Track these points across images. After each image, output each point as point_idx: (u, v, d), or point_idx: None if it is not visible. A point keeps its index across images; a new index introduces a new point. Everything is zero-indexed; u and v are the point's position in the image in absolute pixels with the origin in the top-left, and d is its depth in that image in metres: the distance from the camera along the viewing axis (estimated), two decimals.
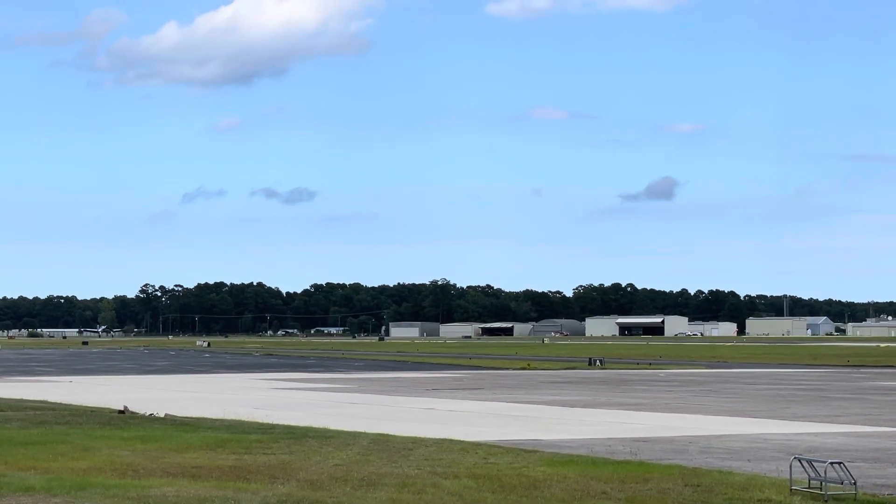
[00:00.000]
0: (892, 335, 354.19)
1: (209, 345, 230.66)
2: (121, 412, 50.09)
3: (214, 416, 48.36)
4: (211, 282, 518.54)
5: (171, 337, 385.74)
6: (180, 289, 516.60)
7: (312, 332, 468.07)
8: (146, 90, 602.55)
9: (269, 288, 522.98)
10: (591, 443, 38.70)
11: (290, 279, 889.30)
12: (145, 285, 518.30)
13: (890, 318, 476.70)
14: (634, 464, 32.14)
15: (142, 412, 50.27)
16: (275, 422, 45.44)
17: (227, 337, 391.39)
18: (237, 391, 72.89)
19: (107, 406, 54.47)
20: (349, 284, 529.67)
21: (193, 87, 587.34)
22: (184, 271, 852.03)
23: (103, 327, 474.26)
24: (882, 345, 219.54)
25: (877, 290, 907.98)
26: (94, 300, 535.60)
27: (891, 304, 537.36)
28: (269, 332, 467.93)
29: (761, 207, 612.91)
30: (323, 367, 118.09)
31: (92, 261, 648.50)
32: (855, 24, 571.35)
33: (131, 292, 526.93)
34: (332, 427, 43.06)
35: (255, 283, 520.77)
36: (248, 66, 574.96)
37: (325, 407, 57.79)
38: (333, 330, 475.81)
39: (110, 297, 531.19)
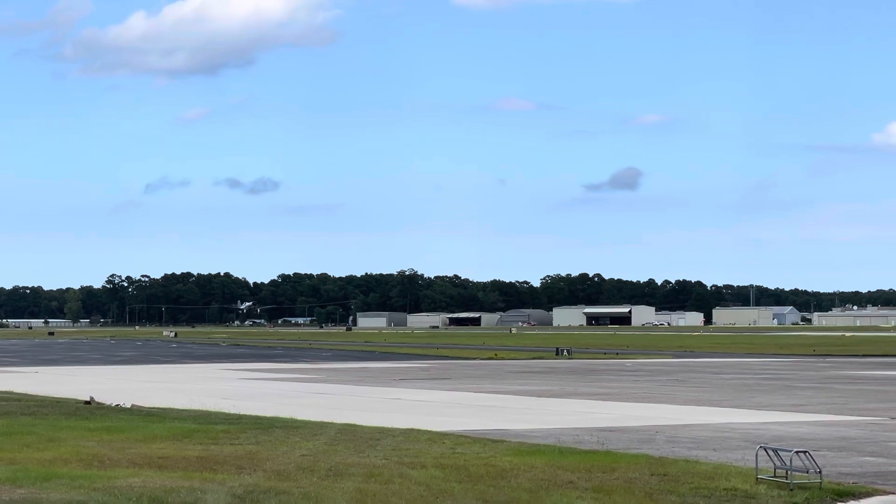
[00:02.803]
0: (858, 324, 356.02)
1: (176, 335, 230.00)
2: (87, 403, 49.90)
3: (181, 407, 48.25)
4: (178, 272, 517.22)
5: (137, 327, 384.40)
6: (147, 279, 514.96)
7: (280, 322, 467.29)
8: (113, 80, 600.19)
9: (237, 278, 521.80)
10: (558, 432, 38.76)
11: (258, 269, 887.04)
12: (112, 275, 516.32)
13: (855, 307, 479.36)
14: (601, 453, 32.22)
15: (108, 403, 50.09)
16: (242, 412, 45.36)
17: (193, 327, 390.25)
18: (204, 381, 72.71)
19: (73, 397, 54.25)
20: (317, 275, 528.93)
21: (160, 78, 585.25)
22: (151, 261, 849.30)
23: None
24: (847, 334, 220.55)
25: (842, 279, 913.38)
26: (60, 290, 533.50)
27: (856, 293, 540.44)
28: (237, 323, 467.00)
29: (727, 198, 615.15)
30: (290, 357, 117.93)
31: (58, 251, 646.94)
32: (819, 15, 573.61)
33: (98, 282, 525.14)
34: (299, 417, 43.01)
35: (222, 274, 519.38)
36: (216, 57, 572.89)
37: (292, 397, 57.71)
38: (301, 320, 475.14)
39: (76, 287, 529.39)
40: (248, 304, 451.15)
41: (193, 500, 22.50)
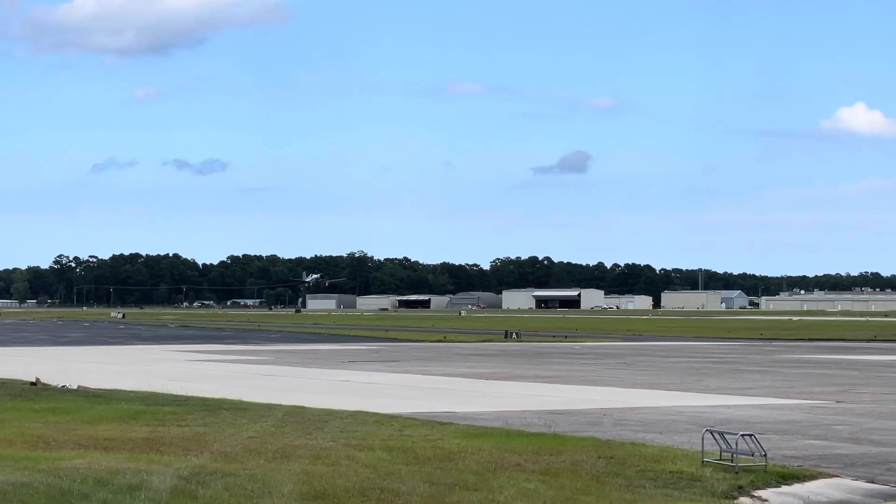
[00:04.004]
0: (805, 309, 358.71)
1: (124, 316, 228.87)
2: (32, 384, 49.54)
3: (128, 388, 47.99)
4: (126, 253, 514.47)
5: (85, 308, 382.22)
6: (95, 260, 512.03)
7: (229, 303, 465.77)
8: (62, 59, 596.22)
9: (185, 259, 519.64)
10: (505, 415, 38.82)
11: (207, 251, 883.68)
12: (59, 256, 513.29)
13: (803, 292, 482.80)
14: (549, 436, 32.28)
15: (54, 384, 49.75)
16: (189, 394, 45.18)
17: (142, 308, 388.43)
18: (151, 363, 72.37)
19: (18, 378, 53.80)
20: (266, 256, 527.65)
21: (110, 57, 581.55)
22: (98, 242, 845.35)
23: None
24: (794, 318, 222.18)
25: (790, 264, 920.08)
26: (6, 271, 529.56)
27: (803, 278, 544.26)
28: (185, 304, 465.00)
29: (677, 182, 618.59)
30: (239, 338, 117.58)
31: (4, 230, 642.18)
32: (769, 1, 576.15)
33: (45, 263, 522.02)
34: (247, 399, 42.90)
35: (170, 255, 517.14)
36: (166, 36, 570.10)
37: (240, 379, 57.54)
38: (250, 302, 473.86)
39: (23, 267, 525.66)
40: (314, 276, 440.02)
41: (139, 481, 22.38)
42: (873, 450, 31.33)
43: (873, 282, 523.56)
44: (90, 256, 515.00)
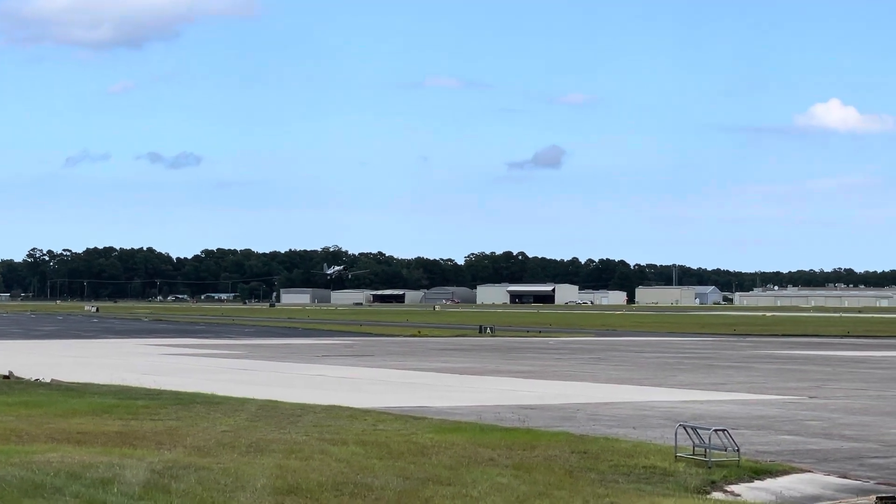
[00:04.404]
0: (779, 304, 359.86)
1: (98, 310, 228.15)
2: (5, 377, 49.37)
3: (101, 382, 47.87)
4: (100, 246, 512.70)
5: (59, 302, 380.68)
6: (69, 253, 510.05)
7: (203, 297, 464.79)
8: (36, 52, 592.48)
9: (160, 253, 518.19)
10: (479, 410, 38.84)
11: (181, 244, 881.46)
12: (33, 249, 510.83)
13: (776, 287, 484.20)
14: (522, 431, 32.32)
15: (27, 377, 49.60)
16: (162, 388, 45.08)
17: (116, 302, 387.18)
18: (125, 357, 72.20)
19: None
20: (240, 250, 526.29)
21: (84, 50, 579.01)
22: (72, 236, 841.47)
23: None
24: (768, 314, 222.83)
25: (764, 260, 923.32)
26: None
27: (777, 274, 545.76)
28: (159, 298, 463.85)
29: (651, 177, 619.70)
30: (213, 332, 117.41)
31: None
32: None
33: (18, 256, 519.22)
34: (221, 393, 42.82)
35: (145, 249, 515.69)
36: (140, 30, 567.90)
37: (213, 373, 57.45)
38: (224, 296, 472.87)
39: None
40: (336, 268, 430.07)
41: (112, 475, 22.32)
42: (846, 445, 31.47)
43: (846, 278, 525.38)
44: (64, 250, 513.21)
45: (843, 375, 59.67)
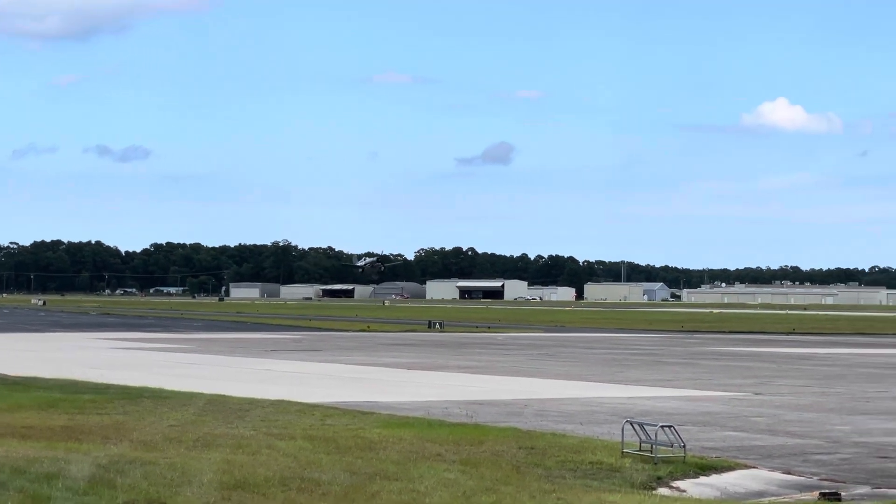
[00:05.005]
0: (726, 301, 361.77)
1: (45, 303, 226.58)
2: None
3: (47, 376, 47.56)
4: (48, 239, 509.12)
5: (5, 295, 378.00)
6: (15, 246, 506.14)
7: (151, 291, 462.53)
8: None
9: (108, 246, 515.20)
10: (428, 405, 38.88)
11: (129, 238, 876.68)
12: None
13: (724, 284, 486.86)
14: (470, 426, 32.38)
15: None
16: (110, 382, 44.87)
17: (63, 295, 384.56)
18: (72, 350, 71.77)
19: None
20: (189, 244, 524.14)
21: (32, 42, 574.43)
22: (19, 229, 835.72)
23: None
24: (715, 311, 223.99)
25: (711, 257, 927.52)
26: None
27: (725, 271, 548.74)
28: (108, 291, 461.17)
29: (600, 174, 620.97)
30: (161, 326, 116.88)
31: None
32: None
33: None
34: (168, 387, 42.65)
35: (93, 242, 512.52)
36: (89, 22, 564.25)
37: (161, 367, 57.21)
38: (173, 290, 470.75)
39: None
40: (368, 260, 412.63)
41: (57, 469, 22.19)
42: (790, 441, 31.72)
43: (793, 275, 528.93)
44: (11, 243, 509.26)
45: (788, 372, 60.11)
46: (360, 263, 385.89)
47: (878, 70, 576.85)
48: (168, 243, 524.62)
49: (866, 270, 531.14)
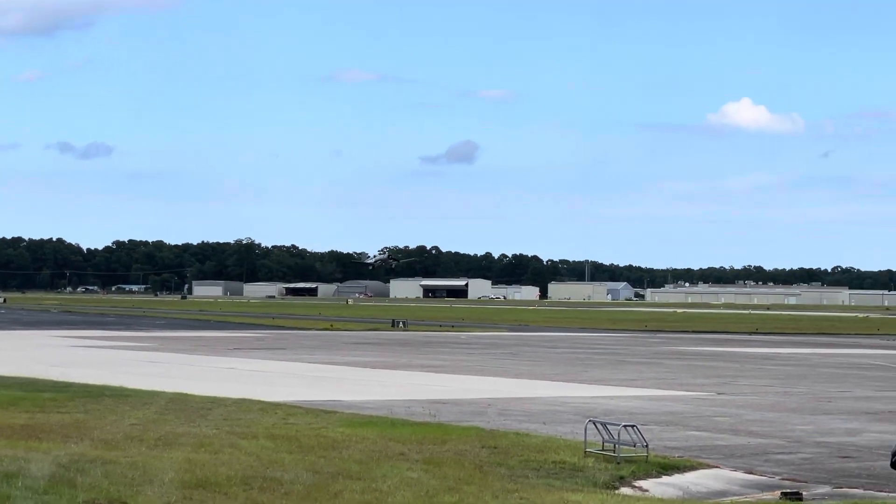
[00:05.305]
0: (689, 301, 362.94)
1: (5, 301, 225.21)
2: None
3: (7, 374, 47.26)
4: (8, 236, 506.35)
5: None
6: None
7: (113, 289, 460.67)
8: None
9: (70, 244, 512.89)
10: (391, 404, 38.82)
11: (91, 235, 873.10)
12: None
13: (687, 284, 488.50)
14: (433, 425, 32.34)
15: None
16: (71, 380, 44.62)
17: (24, 293, 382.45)
18: (32, 349, 71.34)
19: None
20: (152, 242, 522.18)
21: None
22: None
23: None
24: (679, 310, 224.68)
25: (675, 257, 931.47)
26: None
27: (688, 270, 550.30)
28: (69, 289, 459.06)
29: (565, 174, 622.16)
30: (123, 324, 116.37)
31: None
32: None
33: None
34: (130, 386, 42.45)
35: (54, 239, 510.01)
36: (52, 18, 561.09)
37: (123, 365, 56.93)
38: (135, 287, 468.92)
39: None
40: (380, 256, 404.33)
41: (16, 468, 22.02)
42: (752, 441, 31.80)
43: (756, 275, 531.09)
44: None
45: (750, 372, 60.33)
46: (370, 260, 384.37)
47: (841, 71, 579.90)
48: (130, 241, 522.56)
49: (829, 271, 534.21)
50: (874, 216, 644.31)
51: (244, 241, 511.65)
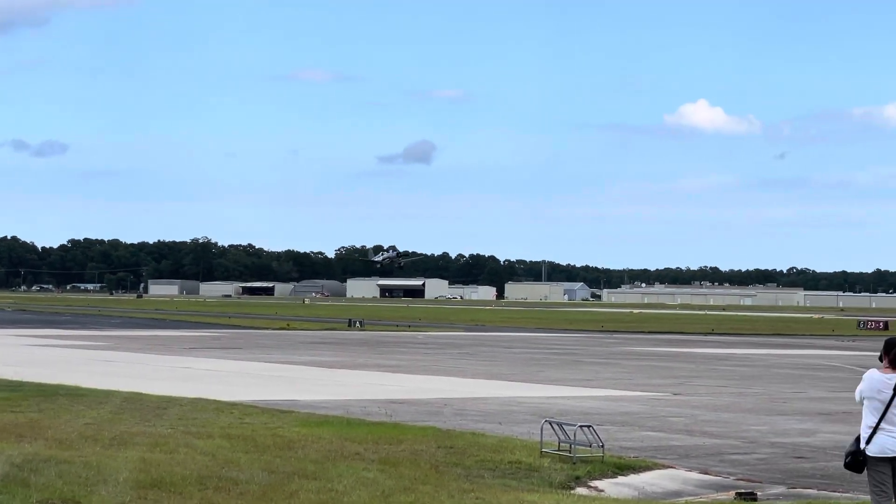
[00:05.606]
0: (646, 301, 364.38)
1: None
2: None
3: None
4: None
5: None
6: None
7: (69, 287, 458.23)
8: None
9: (24, 242, 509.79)
10: (347, 404, 38.77)
11: (46, 234, 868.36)
12: None
13: (644, 285, 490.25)
14: (389, 425, 32.31)
15: None
16: (24, 379, 44.34)
17: None
18: None
19: None
20: (108, 240, 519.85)
21: None
22: None
23: None
24: (635, 311, 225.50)
25: (632, 257, 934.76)
26: None
27: (645, 271, 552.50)
28: (23, 288, 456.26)
29: (521, 174, 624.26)
30: (78, 323, 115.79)
31: None
32: None
33: None
34: (85, 385, 42.21)
35: (8, 237, 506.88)
36: (8, 15, 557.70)
37: (78, 364, 56.63)
38: (90, 286, 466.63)
39: None
40: (386, 254, 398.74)
41: None
42: (707, 441, 31.92)
43: (712, 276, 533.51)
44: None
45: (706, 372, 60.58)
46: (376, 259, 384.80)
47: (797, 73, 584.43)
48: (86, 239, 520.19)
49: (784, 272, 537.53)
50: (829, 218, 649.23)
51: (200, 241, 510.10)
